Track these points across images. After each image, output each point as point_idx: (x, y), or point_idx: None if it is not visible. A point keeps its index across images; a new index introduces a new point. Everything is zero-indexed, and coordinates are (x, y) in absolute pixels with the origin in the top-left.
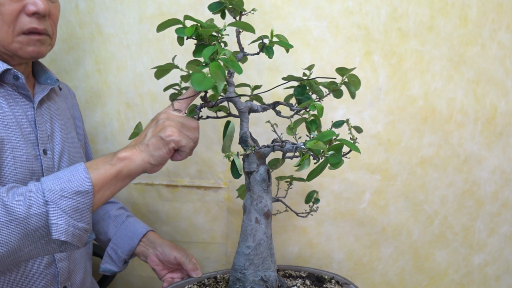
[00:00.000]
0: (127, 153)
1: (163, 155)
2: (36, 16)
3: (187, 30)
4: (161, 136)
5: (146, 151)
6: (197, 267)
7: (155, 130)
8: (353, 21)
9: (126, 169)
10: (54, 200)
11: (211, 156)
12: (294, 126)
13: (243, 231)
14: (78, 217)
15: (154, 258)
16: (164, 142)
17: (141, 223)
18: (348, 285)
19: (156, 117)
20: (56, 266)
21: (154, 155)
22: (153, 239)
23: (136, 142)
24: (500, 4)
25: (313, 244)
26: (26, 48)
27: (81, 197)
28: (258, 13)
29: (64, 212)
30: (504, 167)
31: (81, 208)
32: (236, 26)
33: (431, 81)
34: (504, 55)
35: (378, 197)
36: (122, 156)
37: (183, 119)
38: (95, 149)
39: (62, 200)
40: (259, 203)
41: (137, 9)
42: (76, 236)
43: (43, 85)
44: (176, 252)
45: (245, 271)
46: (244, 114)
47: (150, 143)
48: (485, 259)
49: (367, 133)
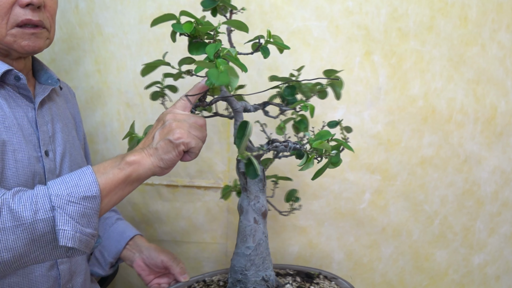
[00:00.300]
0: (136, 157)
1: (172, 158)
2: (31, 7)
3: (185, 26)
4: (170, 139)
5: (155, 154)
6: (185, 271)
7: (162, 132)
8: (353, 21)
9: (135, 174)
10: (61, 206)
11: (211, 156)
12: (283, 125)
13: (242, 232)
14: (85, 223)
15: (140, 263)
16: (173, 145)
17: (130, 226)
18: (336, 279)
19: (162, 118)
20: (58, 269)
21: (163, 158)
22: (140, 243)
23: (144, 145)
24: (500, 4)
25: (313, 244)
26: (21, 42)
27: (88, 202)
28: (258, 13)
29: (71, 218)
30: (504, 167)
31: (88, 214)
32: (230, 25)
33: (431, 81)
34: (504, 55)
35: (378, 197)
36: (130, 160)
37: (190, 118)
38: (95, 149)
39: (69, 206)
40: (256, 203)
41: (137, 9)
42: (83, 242)
43: (44, 85)
44: (163, 255)
45: (247, 272)
46: (239, 114)
47: (159, 146)
48: (485, 259)
49: (367, 133)
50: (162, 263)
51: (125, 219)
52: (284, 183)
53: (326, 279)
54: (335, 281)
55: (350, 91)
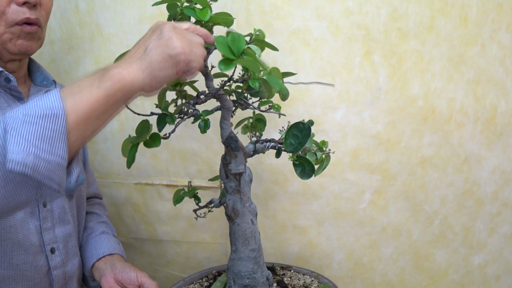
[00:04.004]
0: (121, 70)
1: (168, 76)
2: (27, 5)
3: (202, 13)
4: (170, 53)
5: (148, 70)
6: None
7: (159, 44)
8: (353, 21)
9: (120, 92)
10: (15, 127)
11: (211, 156)
12: (250, 124)
13: (241, 236)
14: (46, 148)
15: (109, 279)
16: (172, 61)
17: (113, 244)
18: (290, 268)
19: (158, 27)
20: (52, 274)
21: (157, 75)
22: (117, 259)
23: (132, 56)
24: (500, 4)
25: (313, 244)
26: (16, 40)
27: (48, 122)
28: (258, 13)
29: (24, 139)
30: (504, 167)
31: (49, 136)
32: (213, 21)
33: (431, 81)
34: (504, 55)
35: (378, 197)
36: (114, 73)
37: (191, 34)
38: (95, 149)
39: (24, 126)
40: (251, 204)
41: (137, 9)
42: (42, 170)
43: (38, 87)
44: (139, 272)
45: (255, 275)
46: (229, 112)
47: (154, 60)
48: (485, 259)
49: (367, 133)
50: (137, 278)
51: (125, 219)
52: (272, 188)
53: (282, 269)
54: (289, 269)
55: (350, 91)
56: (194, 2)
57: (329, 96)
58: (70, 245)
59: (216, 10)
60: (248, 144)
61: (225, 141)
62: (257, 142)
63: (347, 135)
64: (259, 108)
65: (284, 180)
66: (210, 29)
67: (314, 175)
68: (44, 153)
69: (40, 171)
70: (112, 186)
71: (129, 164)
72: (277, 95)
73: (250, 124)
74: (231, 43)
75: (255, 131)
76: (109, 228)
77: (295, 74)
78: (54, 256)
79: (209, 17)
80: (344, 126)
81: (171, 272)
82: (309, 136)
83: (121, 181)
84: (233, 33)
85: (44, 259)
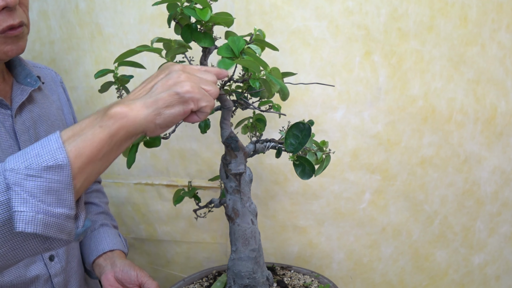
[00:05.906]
0: (124, 106)
1: (175, 115)
2: (7, 10)
3: (202, 13)
4: (178, 91)
5: (153, 106)
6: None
7: (166, 83)
8: (353, 21)
9: (123, 131)
10: (18, 182)
11: (211, 156)
12: (250, 125)
13: (242, 236)
14: (53, 201)
15: (109, 277)
16: (180, 100)
17: (113, 238)
18: (290, 268)
19: (167, 67)
20: (52, 282)
21: (163, 113)
22: (117, 255)
23: (136, 95)
24: (500, 4)
25: (313, 244)
26: (4, 47)
27: (52, 173)
28: (258, 13)
29: (30, 196)
30: (504, 167)
31: (55, 189)
32: (213, 21)
33: (431, 81)
34: (504, 55)
35: (378, 197)
36: (115, 111)
37: (202, 73)
38: None
39: (28, 181)
40: (251, 204)
41: (137, 9)
42: (52, 226)
43: (22, 86)
44: (139, 271)
45: (255, 275)
46: (229, 112)
47: (160, 97)
48: (485, 259)
49: (367, 133)
50: (137, 277)
51: (125, 219)
52: (272, 188)
53: (282, 269)
54: (289, 269)
55: (350, 91)
56: (194, 2)
57: (329, 96)
58: (71, 247)
59: (216, 10)
60: (248, 144)
61: (225, 141)
62: (257, 142)
63: (347, 135)
64: (259, 108)
65: (284, 180)
66: (210, 29)
67: (314, 175)
68: (52, 207)
69: (51, 226)
70: (112, 186)
71: (129, 164)
72: (277, 95)
73: (250, 124)
74: (231, 43)
75: (255, 131)
76: (109, 218)
77: (295, 74)
78: (54, 263)
79: (209, 17)
80: (344, 126)
81: (171, 272)
82: (309, 136)
83: (121, 181)
84: (233, 36)
85: (41, 268)
